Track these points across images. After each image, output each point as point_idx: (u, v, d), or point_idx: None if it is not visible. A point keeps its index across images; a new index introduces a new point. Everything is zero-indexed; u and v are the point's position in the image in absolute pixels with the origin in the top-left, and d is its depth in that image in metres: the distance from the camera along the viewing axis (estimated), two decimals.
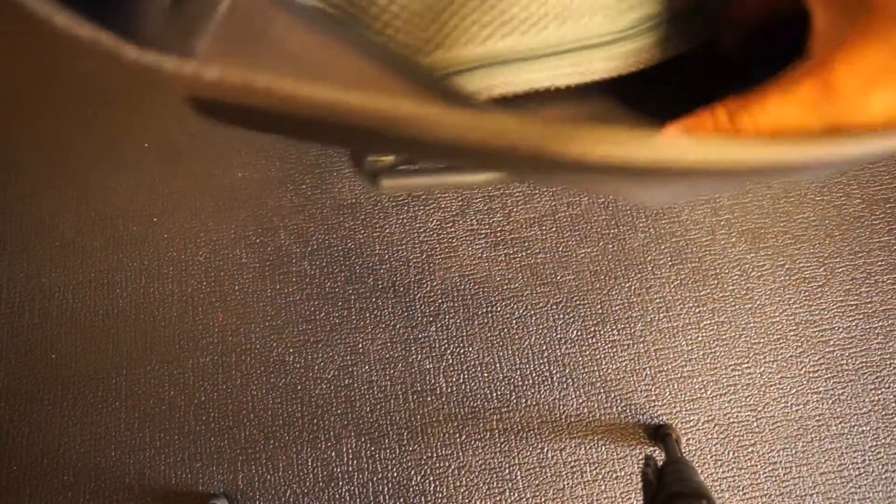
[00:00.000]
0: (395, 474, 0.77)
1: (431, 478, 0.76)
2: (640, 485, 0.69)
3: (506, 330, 0.81)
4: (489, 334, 0.81)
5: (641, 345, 0.80)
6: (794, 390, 0.78)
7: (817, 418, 0.77)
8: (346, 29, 0.22)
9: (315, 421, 0.78)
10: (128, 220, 0.86)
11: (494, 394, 0.79)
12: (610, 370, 0.79)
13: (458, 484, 0.76)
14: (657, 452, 0.76)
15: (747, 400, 0.77)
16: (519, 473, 0.76)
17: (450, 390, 0.79)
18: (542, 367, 0.79)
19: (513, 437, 0.77)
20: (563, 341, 0.80)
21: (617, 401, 0.78)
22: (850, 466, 0.75)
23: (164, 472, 0.77)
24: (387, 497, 0.76)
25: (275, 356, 0.80)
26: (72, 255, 0.85)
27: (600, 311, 0.81)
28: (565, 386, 0.79)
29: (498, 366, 0.79)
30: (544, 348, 0.80)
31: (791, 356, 0.79)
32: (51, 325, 0.82)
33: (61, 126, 0.90)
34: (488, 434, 0.77)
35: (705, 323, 0.80)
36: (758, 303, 0.81)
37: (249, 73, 0.11)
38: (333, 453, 0.77)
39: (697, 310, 0.81)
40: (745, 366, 0.79)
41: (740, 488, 0.75)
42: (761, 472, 0.75)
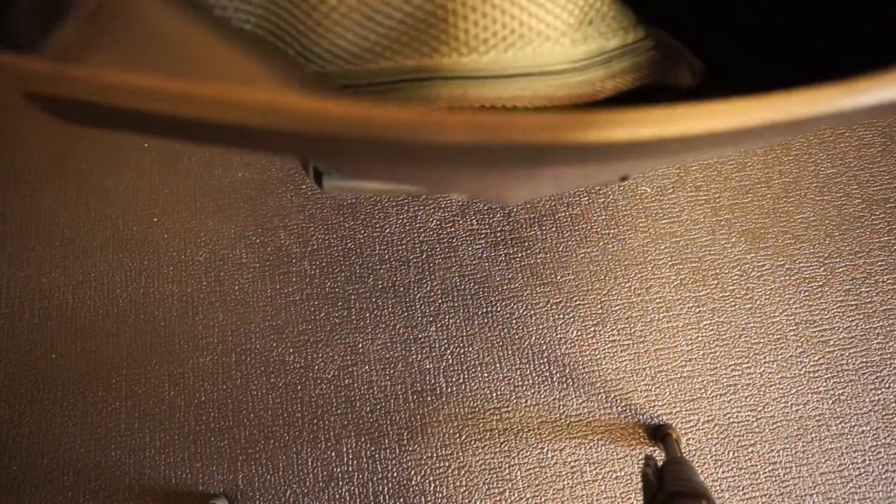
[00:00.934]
0: (395, 474, 0.77)
1: (431, 478, 0.76)
2: (640, 485, 0.69)
3: (506, 330, 0.81)
4: (489, 334, 0.81)
5: (641, 345, 0.80)
6: (794, 390, 0.78)
7: (817, 418, 0.77)
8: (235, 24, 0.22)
9: (315, 421, 0.78)
10: (128, 220, 0.86)
11: (494, 394, 0.79)
12: (610, 370, 0.79)
13: (458, 484, 0.76)
14: (657, 452, 0.76)
15: (747, 400, 0.77)
16: (519, 473, 0.76)
17: (450, 390, 0.79)
18: (542, 367, 0.79)
19: (513, 437, 0.77)
20: (563, 341, 0.80)
21: (617, 401, 0.78)
22: (850, 466, 0.75)
23: (164, 472, 0.77)
24: (387, 497, 0.76)
25: (275, 356, 0.80)
26: (72, 255, 0.85)
27: (600, 311, 0.81)
28: (565, 386, 0.78)
29: (498, 366, 0.79)
30: (544, 348, 0.80)
31: (791, 356, 0.79)
32: (51, 325, 0.82)
33: (61, 126, 0.90)
34: (488, 434, 0.77)
35: (705, 323, 0.80)
36: (758, 303, 0.81)
37: (89, 67, 0.10)
38: (333, 453, 0.77)
39: (697, 310, 0.81)
40: (745, 366, 0.79)
41: (740, 488, 0.75)
42: (761, 472, 0.75)
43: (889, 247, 0.83)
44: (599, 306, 0.81)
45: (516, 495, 0.75)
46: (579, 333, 0.80)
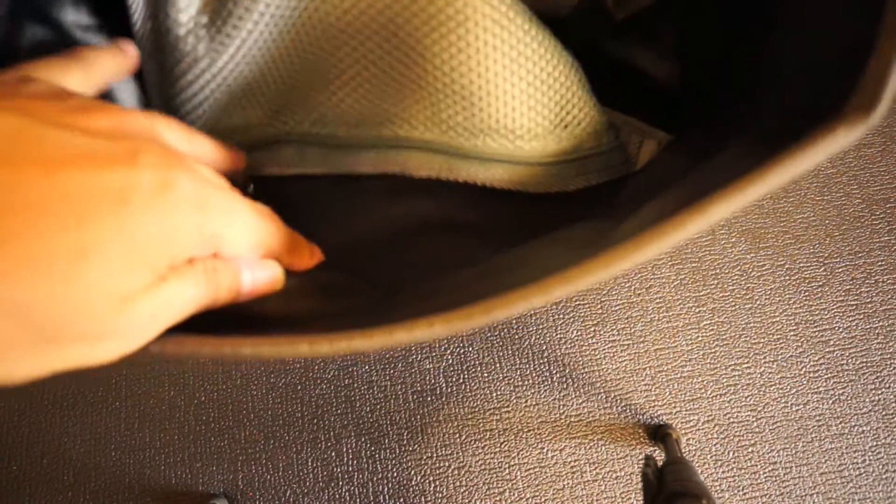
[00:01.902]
0: (395, 474, 0.77)
1: (431, 478, 0.76)
2: (640, 485, 0.69)
3: (506, 330, 0.81)
4: (489, 334, 0.81)
5: (641, 345, 0.80)
6: (794, 390, 0.78)
7: (817, 418, 0.77)
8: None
9: (315, 421, 0.78)
10: None
11: (494, 394, 0.79)
12: (610, 370, 0.79)
13: (458, 484, 0.76)
14: (657, 452, 0.76)
15: (747, 400, 0.77)
16: (519, 473, 0.76)
17: (450, 390, 0.79)
18: (542, 367, 0.79)
19: (513, 437, 0.77)
20: (563, 341, 0.80)
21: (617, 401, 0.78)
22: (851, 466, 0.75)
23: (164, 472, 0.77)
24: (387, 497, 0.76)
25: None
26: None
27: (600, 311, 0.81)
28: (565, 386, 0.79)
29: (498, 366, 0.79)
30: (544, 348, 0.80)
31: (791, 356, 0.79)
32: None
33: None
34: (488, 434, 0.77)
35: (705, 323, 0.80)
36: (758, 303, 0.81)
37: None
38: (333, 453, 0.77)
39: (697, 310, 0.81)
40: (745, 366, 0.79)
41: (740, 488, 0.75)
42: (761, 472, 0.75)
43: (889, 247, 0.83)
44: (599, 306, 0.81)
45: (516, 495, 0.75)
46: (579, 333, 0.80)
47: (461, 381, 0.79)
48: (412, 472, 0.76)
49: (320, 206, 0.27)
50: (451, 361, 0.80)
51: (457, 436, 0.77)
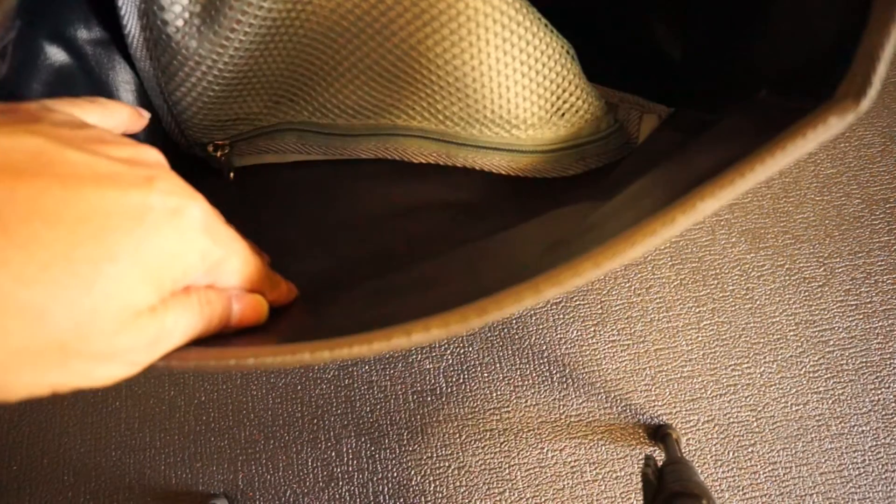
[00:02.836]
0: (395, 474, 0.77)
1: (431, 478, 0.76)
2: (640, 485, 0.69)
3: (506, 330, 0.81)
4: (489, 334, 0.81)
5: (641, 345, 0.80)
6: (794, 390, 0.78)
7: (817, 418, 0.77)
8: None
9: (315, 421, 0.78)
10: None
11: (494, 394, 0.79)
12: (610, 370, 0.79)
13: (458, 484, 0.76)
14: (657, 452, 0.76)
15: (747, 400, 0.77)
16: (519, 473, 0.76)
17: (450, 390, 0.79)
18: (542, 367, 0.79)
19: (513, 437, 0.77)
20: (563, 341, 0.80)
21: (617, 401, 0.78)
22: (850, 466, 0.75)
23: (164, 472, 0.77)
24: (387, 497, 0.76)
25: None
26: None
27: (600, 311, 0.81)
28: (565, 386, 0.79)
29: (498, 366, 0.79)
30: (544, 348, 0.80)
31: (791, 356, 0.79)
32: None
33: None
34: (488, 434, 0.77)
35: (705, 323, 0.80)
36: (758, 303, 0.81)
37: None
38: (333, 453, 0.77)
39: (697, 310, 0.81)
40: (745, 366, 0.79)
41: (740, 488, 0.75)
42: (761, 472, 0.75)
43: (889, 247, 0.83)
44: (599, 306, 0.81)
45: (516, 495, 0.75)
46: (579, 333, 0.80)
47: (461, 381, 0.79)
48: (412, 472, 0.76)
49: (324, 192, 0.27)
50: (451, 361, 0.80)
51: (457, 436, 0.77)
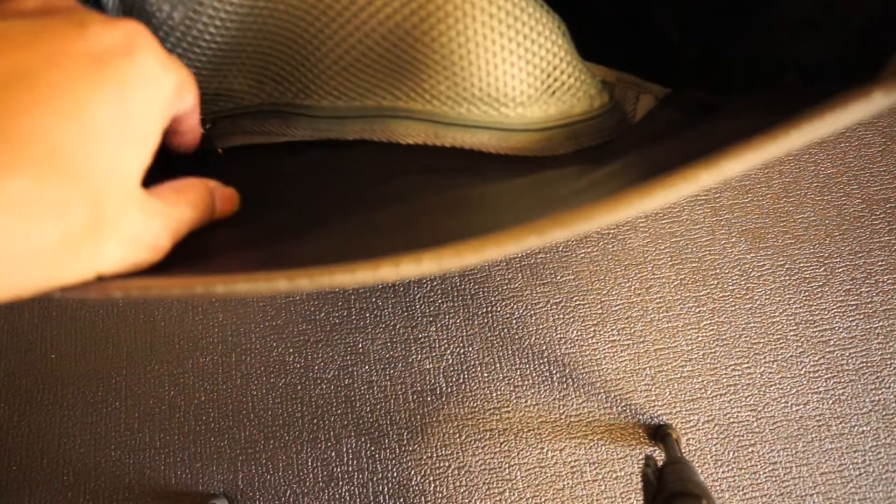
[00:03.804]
0: (395, 474, 0.77)
1: (431, 478, 0.76)
2: (640, 485, 0.69)
3: (506, 330, 0.81)
4: (489, 334, 0.81)
5: (641, 345, 0.80)
6: (794, 390, 0.78)
7: (817, 418, 0.77)
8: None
9: (315, 421, 0.78)
10: None
11: (494, 394, 0.79)
12: (610, 370, 0.79)
13: (458, 484, 0.76)
14: (657, 452, 0.76)
15: (747, 400, 0.77)
16: (519, 473, 0.76)
17: (450, 390, 0.79)
18: (542, 367, 0.79)
19: (513, 437, 0.77)
20: (563, 341, 0.80)
21: (617, 401, 0.78)
22: (851, 466, 0.75)
23: (164, 472, 0.77)
24: (387, 497, 0.76)
25: (275, 356, 0.80)
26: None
27: (600, 311, 0.81)
28: (565, 386, 0.78)
29: (498, 366, 0.79)
30: (544, 348, 0.80)
31: (791, 356, 0.79)
32: (51, 325, 0.82)
33: None
34: (488, 434, 0.77)
35: (705, 323, 0.80)
36: (758, 303, 0.81)
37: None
38: (333, 453, 0.77)
39: (697, 310, 0.81)
40: (745, 366, 0.79)
41: (740, 488, 0.75)
42: (761, 472, 0.75)
43: (889, 247, 0.83)
44: (599, 306, 0.81)
45: (516, 495, 0.75)
46: (579, 333, 0.80)
47: (461, 381, 0.79)
48: (412, 472, 0.76)
49: (319, 176, 0.27)
50: (451, 361, 0.80)
51: (457, 436, 0.77)
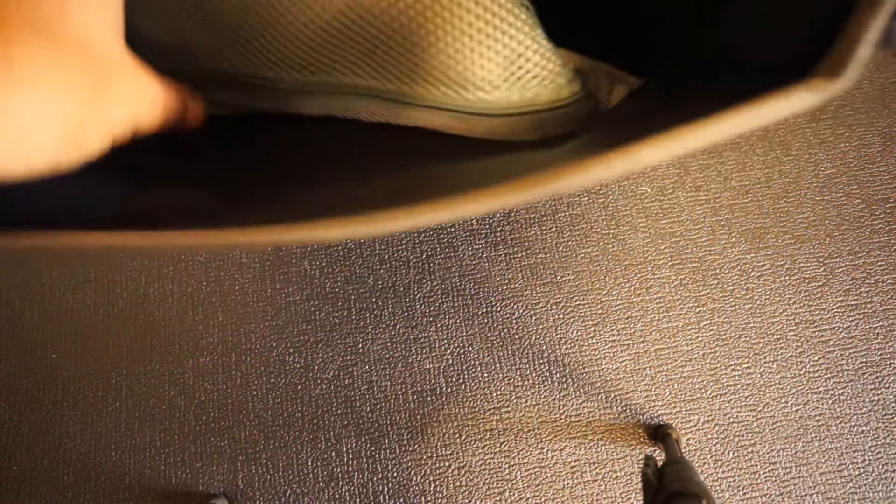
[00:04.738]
0: (395, 474, 0.77)
1: (431, 478, 0.76)
2: (640, 485, 0.69)
3: (506, 330, 0.81)
4: (489, 334, 0.81)
5: (641, 345, 0.80)
6: (794, 390, 0.78)
7: (817, 418, 0.77)
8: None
9: (315, 421, 0.78)
10: None
11: (494, 394, 0.79)
12: (610, 370, 0.79)
13: (458, 484, 0.76)
14: (657, 452, 0.76)
15: (747, 400, 0.77)
16: (519, 473, 0.76)
17: (450, 390, 0.79)
18: (542, 367, 0.79)
19: (513, 437, 0.77)
20: (563, 341, 0.80)
21: (617, 401, 0.78)
22: (850, 466, 0.75)
23: (164, 472, 0.77)
24: (387, 497, 0.76)
25: (275, 356, 0.80)
26: (72, 255, 0.85)
27: (600, 311, 0.81)
28: (565, 386, 0.78)
29: (498, 366, 0.79)
30: (544, 348, 0.80)
31: (791, 356, 0.79)
32: (51, 325, 0.82)
33: None
34: (488, 434, 0.77)
35: (705, 323, 0.80)
36: (758, 303, 0.81)
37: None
38: (333, 453, 0.77)
39: (697, 310, 0.81)
40: (745, 366, 0.79)
41: (740, 488, 0.75)
42: (761, 472, 0.75)
43: (889, 247, 0.83)
44: (599, 306, 0.81)
45: (516, 495, 0.75)
46: (579, 333, 0.80)
47: (461, 381, 0.79)
48: (412, 472, 0.76)
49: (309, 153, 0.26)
50: (451, 361, 0.80)
51: (457, 436, 0.77)
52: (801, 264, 0.82)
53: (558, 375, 0.79)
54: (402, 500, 0.76)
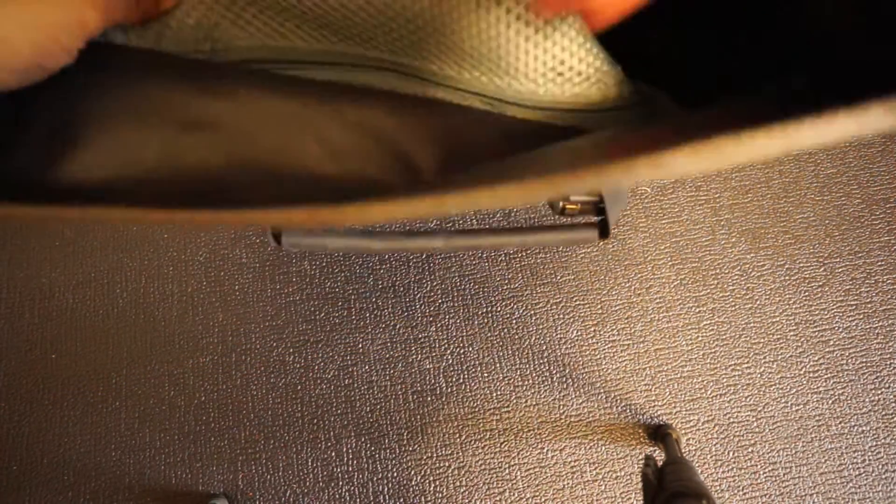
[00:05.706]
0: (395, 474, 0.77)
1: (431, 478, 0.76)
2: (640, 485, 0.69)
3: (506, 330, 0.81)
4: (489, 334, 0.81)
5: (641, 345, 0.80)
6: (794, 390, 0.78)
7: (817, 418, 0.77)
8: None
9: (315, 421, 0.78)
10: None
11: (494, 394, 0.79)
12: (610, 370, 0.79)
13: (458, 484, 0.76)
14: (657, 452, 0.76)
15: (747, 400, 0.77)
16: (519, 473, 0.76)
17: (450, 390, 0.79)
18: (542, 367, 0.79)
19: (513, 437, 0.77)
20: (563, 341, 0.80)
21: (617, 401, 0.78)
22: (850, 466, 0.75)
23: (164, 472, 0.77)
24: (387, 497, 0.76)
25: (275, 356, 0.80)
26: (72, 255, 0.85)
27: (600, 311, 0.81)
28: (565, 386, 0.79)
29: (498, 366, 0.79)
30: (544, 348, 0.80)
31: (791, 356, 0.79)
32: (51, 325, 0.82)
33: None
34: (488, 434, 0.77)
35: (705, 323, 0.80)
36: (758, 303, 0.81)
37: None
38: (333, 453, 0.77)
39: (697, 310, 0.81)
40: (745, 366, 0.79)
41: (740, 488, 0.75)
42: (761, 472, 0.75)
43: (889, 247, 0.83)
44: (599, 306, 0.81)
45: (516, 495, 0.75)
46: (579, 333, 0.80)
47: (461, 381, 0.79)
48: (412, 472, 0.76)
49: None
50: (451, 361, 0.80)
51: (457, 436, 0.77)
52: (801, 264, 0.82)
53: (558, 375, 0.79)
54: (402, 500, 0.76)
